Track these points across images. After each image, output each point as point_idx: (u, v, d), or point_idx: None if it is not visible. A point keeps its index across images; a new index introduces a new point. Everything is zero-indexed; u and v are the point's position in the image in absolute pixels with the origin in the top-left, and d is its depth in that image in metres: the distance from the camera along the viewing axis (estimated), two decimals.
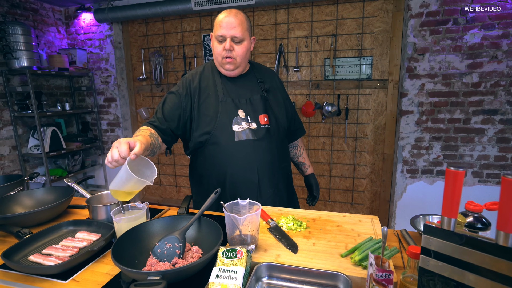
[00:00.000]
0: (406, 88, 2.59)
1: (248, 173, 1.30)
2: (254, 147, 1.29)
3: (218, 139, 1.29)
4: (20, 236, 1.04)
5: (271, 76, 1.46)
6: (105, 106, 3.59)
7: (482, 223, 0.76)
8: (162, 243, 0.88)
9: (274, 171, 1.35)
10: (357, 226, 1.08)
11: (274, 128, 1.35)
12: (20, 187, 1.43)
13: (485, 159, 2.53)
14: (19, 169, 3.07)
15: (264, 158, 1.31)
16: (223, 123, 1.28)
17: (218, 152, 1.31)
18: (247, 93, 1.34)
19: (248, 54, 1.31)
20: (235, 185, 1.32)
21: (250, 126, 1.30)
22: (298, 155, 1.61)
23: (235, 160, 1.29)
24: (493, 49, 2.35)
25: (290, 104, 1.51)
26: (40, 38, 3.25)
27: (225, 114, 1.29)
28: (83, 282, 0.84)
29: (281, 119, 1.39)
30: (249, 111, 1.31)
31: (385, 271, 0.67)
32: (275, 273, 0.83)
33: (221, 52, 1.26)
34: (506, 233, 0.51)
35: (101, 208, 1.14)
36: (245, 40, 1.26)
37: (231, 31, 1.22)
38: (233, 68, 1.30)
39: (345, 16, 2.75)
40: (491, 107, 2.44)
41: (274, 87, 1.43)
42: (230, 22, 1.22)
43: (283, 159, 1.41)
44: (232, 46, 1.24)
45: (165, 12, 2.97)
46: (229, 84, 1.34)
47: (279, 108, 1.41)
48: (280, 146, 1.38)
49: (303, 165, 1.61)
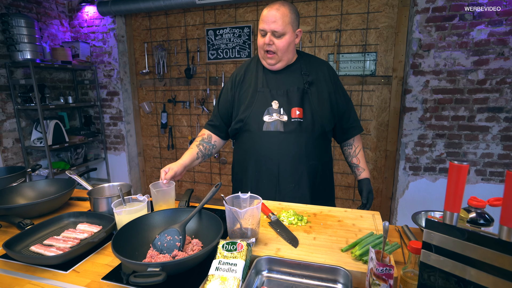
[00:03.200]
0: (410, 84, 2.57)
1: (269, 164, 1.31)
2: (279, 139, 1.29)
3: (249, 127, 1.33)
4: (21, 227, 1.04)
5: (319, 67, 1.37)
6: (108, 100, 3.59)
7: (485, 219, 0.75)
8: (162, 235, 0.88)
9: (297, 167, 1.30)
10: (358, 221, 1.08)
11: (308, 123, 1.29)
12: (22, 179, 1.44)
13: (488, 157, 2.50)
14: (22, 161, 3.08)
15: (288, 152, 1.29)
16: (256, 113, 1.31)
17: (247, 140, 1.36)
18: (287, 85, 1.33)
19: (291, 47, 1.30)
20: (257, 174, 1.35)
21: (281, 118, 1.29)
22: (352, 155, 1.46)
23: (259, 150, 1.32)
24: (500, 46, 2.32)
25: (344, 99, 1.40)
26: (43, 31, 3.24)
27: (260, 104, 1.32)
28: (84, 272, 0.84)
29: (319, 114, 1.31)
30: (284, 103, 1.30)
31: (386, 266, 0.66)
32: (275, 267, 0.83)
33: (263, 45, 1.28)
34: (510, 228, 0.50)
35: (102, 200, 1.14)
36: (286, 34, 1.25)
37: (271, 25, 1.23)
38: (275, 63, 1.31)
39: (350, 11, 2.72)
40: (496, 105, 2.41)
41: (321, 79, 1.35)
42: (271, 16, 1.23)
43: (313, 156, 1.32)
44: (272, 40, 1.25)
45: (168, 5, 2.95)
46: (270, 76, 1.36)
47: (320, 102, 1.32)
48: (311, 143, 1.31)
49: (357, 168, 1.44)
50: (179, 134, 3.48)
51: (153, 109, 3.57)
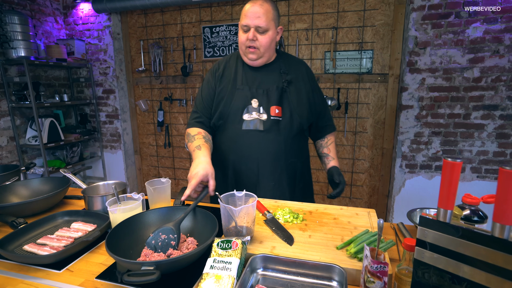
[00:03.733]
0: (407, 82, 2.57)
1: (249, 163, 1.30)
2: (259, 138, 1.28)
3: (228, 126, 1.31)
4: (15, 226, 1.03)
5: (297, 67, 1.39)
6: (104, 98, 3.57)
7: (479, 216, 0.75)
8: (157, 234, 0.88)
9: (277, 165, 1.31)
10: (353, 219, 1.08)
11: (287, 122, 1.30)
12: (16, 177, 1.42)
13: (484, 155, 2.52)
14: (17, 160, 3.06)
15: (268, 150, 1.29)
16: (235, 111, 1.30)
17: (225, 139, 1.34)
18: (266, 83, 1.32)
19: (273, 44, 1.30)
20: (237, 173, 1.33)
21: (260, 117, 1.29)
22: (324, 146, 1.47)
23: (239, 149, 1.30)
24: (495, 44, 2.32)
25: (320, 99, 1.42)
26: (37, 28, 3.21)
27: (239, 102, 1.30)
28: (77, 272, 0.84)
29: (298, 113, 1.32)
30: (263, 101, 1.30)
31: (380, 263, 0.66)
32: (270, 265, 0.82)
33: (245, 42, 1.26)
34: (502, 225, 0.50)
35: (97, 198, 1.14)
36: (269, 30, 1.25)
37: (255, 21, 1.22)
38: (256, 58, 1.29)
39: (346, 8, 2.72)
40: (491, 103, 2.42)
41: (299, 78, 1.36)
42: (254, 11, 1.21)
43: (292, 154, 1.34)
44: (256, 36, 1.24)
45: (164, 3, 2.93)
46: (249, 73, 1.34)
47: (299, 101, 1.34)
48: (290, 141, 1.32)
49: (326, 157, 1.44)
50: (175, 132, 3.46)
51: (150, 107, 3.55)
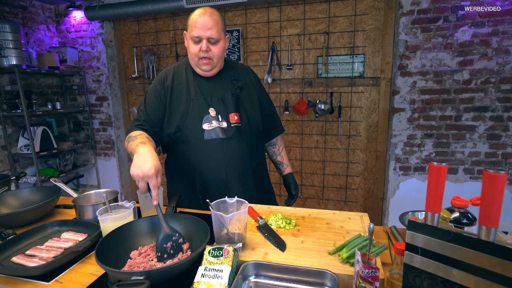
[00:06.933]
0: (398, 85, 2.60)
1: (216, 172, 1.29)
2: (223, 146, 1.28)
3: (188, 137, 1.28)
4: (3, 237, 1.02)
5: (245, 73, 1.42)
6: (97, 105, 3.55)
7: (468, 219, 0.76)
8: (161, 247, 0.86)
9: (243, 170, 1.33)
10: (346, 223, 1.08)
11: (246, 127, 1.33)
12: (5, 187, 1.40)
13: (476, 156, 2.55)
14: (8, 169, 3.02)
15: (234, 157, 1.30)
16: (194, 122, 1.27)
17: (188, 150, 1.30)
18: (220, 92, 1.32)
19: (224, 54, 1.30)
20: (205, 183, 1.31)
21: (220, 125, 1.28)
22: (276, 153, 1.58)
23: (204, 159, 1.28)
24: (483, 47, 2.37)
25: (267, 101, 1.49)
26: (29, 36, 3.19)
27: (196, 112, 1.27)
28: (67, 283, 0.82)
29: (254, 118, 1.37)
30: (220, 109, 1.30)
31: (371, 268, 0.66)
32: (262, 272, 0.82)
33: (198, 53, 1.24)
34: (488, 227, 0.50)
35: (88, 207, 1.12)
36: (221, 40, 1.24)
37: (207, 32, 1.20)
38: (210, 69, 1.29)
39: (337, 13, 2.75)
40: (481, 104, 2.46)
41: (249, 84, 1.40)
42: (205, 23, 1.19)
43: (254, 157, 1.38)
44: (209, 47, 1.22)
45: (157, 10, 2.94)
46: (201, 82, 1.33)
47: (253, 106, 1.38)
48: (251, 145, 1.36)
49: (281, 165, 1.57)
50: None
51: None
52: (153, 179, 0.91)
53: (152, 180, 0.91)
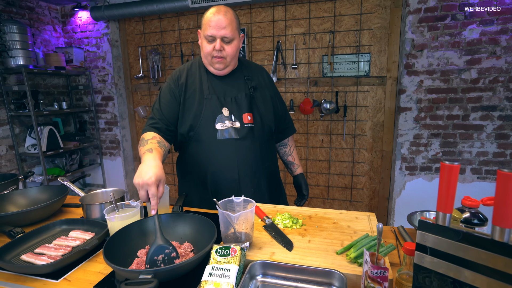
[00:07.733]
0: (405, 84, 2.57)
1: (229, 172, 1.29)
2: (236, 146, 1.27)
3: (201, 137, 1.28)
4: (12, 236, 1.03)
5: (259, 73, 1.42)
6: (103, 105, 3.57)
7: (479, 219, 0.75)
8: (151, 259, 0.82)
9: (255, 171, 1.33)
10: (353, 223, 1.07)
11: (259, 127, 1.32)
12: (14, 186, 1.42)
13: (484, 156, 2.51)
14: (16, 168, 3.05)
15: (246, 158, 1.29)
16: (207, 121, 1.27)
17: (200, 150, 1.30)
18: (233, 91, 1.32)
19: (237, 53, 1.29)
20: (216, 183, 1.31)
21: (233, 125, 1.27)
22: (288, 154, 1.57)
23: (216, 159, 1.28)
24: (491, 45, 2.33)
25: (280, 102, 1.48)
26: (36, 37, 3.22)
27: (209, 112, 1.27)
28: (75, 281, 0.83)
29: (267, 118, 1.36)
30: (234, 109, 1.29)
31: (380, 268, 0.65)
32: (269, 271, 0.82)
33: (211, 52, 1.23)
34: (502, 228, 0.49)
35: (95, 206, 1.13)
36: (235, 39, 1.23)
37: (221, 32, 1.19)
38: (223, 68, 1.28)
39: (343, 12, 2.73)
40: (489, 103, 2.42)
41: (262, 84, 1.40)
42: (220, 21, 1.18)
43: (267, 158, 1.38)
44: (223, 46, 1.21)
45: (162, 9, 2.95)
46: (215, 82, 1.32)
47: (266, 106, 1.37)
48: (264, 146, 1.36)
49: (292, 165, 1.57)
50: None
51: (148, 114, 3.55)
52: (152, 188, 0.89)
53: (152, 188, 0.89)
